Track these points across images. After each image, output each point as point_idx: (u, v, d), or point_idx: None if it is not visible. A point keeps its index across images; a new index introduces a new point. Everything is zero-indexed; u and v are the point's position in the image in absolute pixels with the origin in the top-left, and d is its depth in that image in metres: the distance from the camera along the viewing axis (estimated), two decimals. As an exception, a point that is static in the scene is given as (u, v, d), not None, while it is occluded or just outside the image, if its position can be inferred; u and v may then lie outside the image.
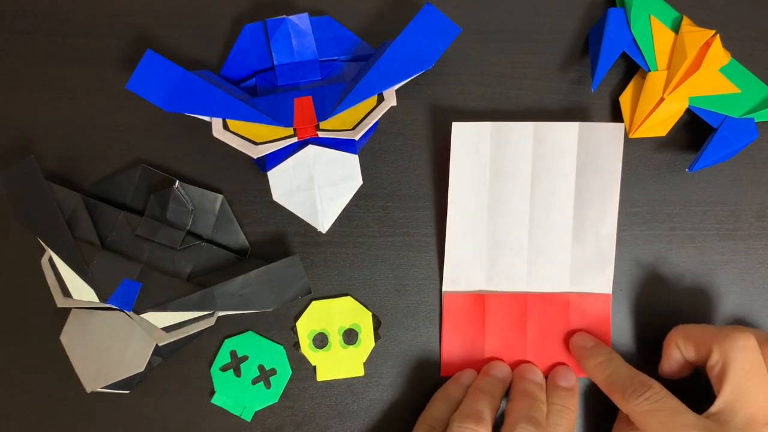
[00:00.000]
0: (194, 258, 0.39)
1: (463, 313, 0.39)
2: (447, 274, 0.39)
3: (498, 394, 0.37)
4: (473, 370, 0.39)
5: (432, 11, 0.37)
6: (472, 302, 0.39)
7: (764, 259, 0.40)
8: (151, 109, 0.38)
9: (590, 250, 0.39)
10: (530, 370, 0.38)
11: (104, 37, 0.40)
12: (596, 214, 0.38)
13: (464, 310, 0.39)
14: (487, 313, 0.39)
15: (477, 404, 0.35)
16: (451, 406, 0.37)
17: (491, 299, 0.39)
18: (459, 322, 0.39)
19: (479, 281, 0.39)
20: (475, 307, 0.39)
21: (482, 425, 0.34)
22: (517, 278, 0.39)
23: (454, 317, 0.39)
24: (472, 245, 0.39)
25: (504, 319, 0.39)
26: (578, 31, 0.41)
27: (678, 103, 0.38)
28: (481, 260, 0.39)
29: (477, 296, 0.39)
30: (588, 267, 0.39)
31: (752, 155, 0.40)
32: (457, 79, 0.40)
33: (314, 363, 0.39)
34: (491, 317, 0.39)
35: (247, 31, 0.39)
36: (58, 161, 0.40)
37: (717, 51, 0.38)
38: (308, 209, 0.37)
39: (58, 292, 0.38)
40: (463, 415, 0.35)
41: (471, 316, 0.39)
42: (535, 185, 0.38)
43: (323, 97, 0.37)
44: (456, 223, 0.39)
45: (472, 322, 0.39)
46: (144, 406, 0.39)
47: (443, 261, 0.39)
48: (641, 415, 0.34)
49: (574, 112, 0.40)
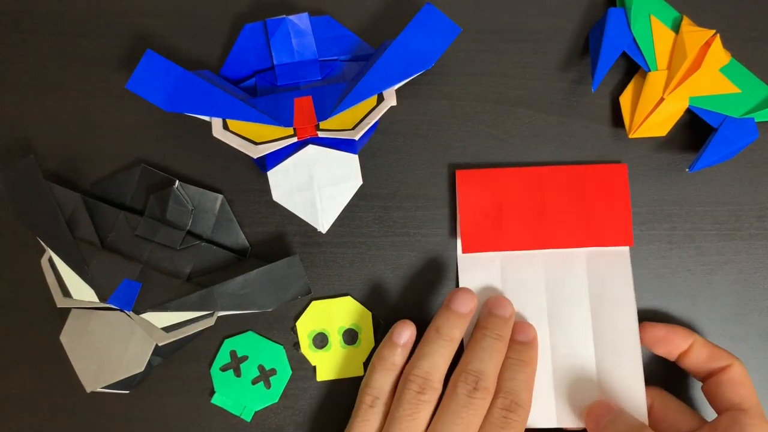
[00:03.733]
0: (194, 258, 0.39)
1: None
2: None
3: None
4: (405, 327, 0.37)
5: (432, 11, 0.37)
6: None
7: (764, 259, 0.40)
8: (151, 109, 0.38)
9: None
10: (499, 304, 0.37)
11: (104, 37, 0.40)
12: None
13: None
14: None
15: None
16: (388, 372, 0.36)
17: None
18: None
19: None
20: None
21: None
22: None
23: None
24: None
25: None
26: (578, 31, 0.41)
27: (678, 103, 0.38)
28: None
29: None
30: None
31: (752, 155, 0.40)
32: (457, 79, 0.40)
33: (314, 363, 0.39)
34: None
35: (247, 31, 0.39)
36: (58, 161, 0.40)
37: (717, 51, 0.38)
38: (308, 209, 0.37)
39: (58, 292, 0.38)
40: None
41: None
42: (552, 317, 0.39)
43: (323, 97, 0.37)
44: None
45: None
46: (144, 406, 0.39)
47: (443, 261, 0.39)
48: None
49: (574, 112, 0.40)
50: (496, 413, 0.34)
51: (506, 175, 0.39)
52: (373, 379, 0.36)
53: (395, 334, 0.36)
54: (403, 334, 0.36)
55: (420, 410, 0.34)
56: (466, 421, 0.34)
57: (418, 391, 0.35)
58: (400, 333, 0.36)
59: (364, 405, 0.36)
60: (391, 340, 0.36)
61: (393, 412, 0.35)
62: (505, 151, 0.40)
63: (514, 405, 0.35)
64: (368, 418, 0.35)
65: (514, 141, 0.40)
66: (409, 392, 0.35)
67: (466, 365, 0.35)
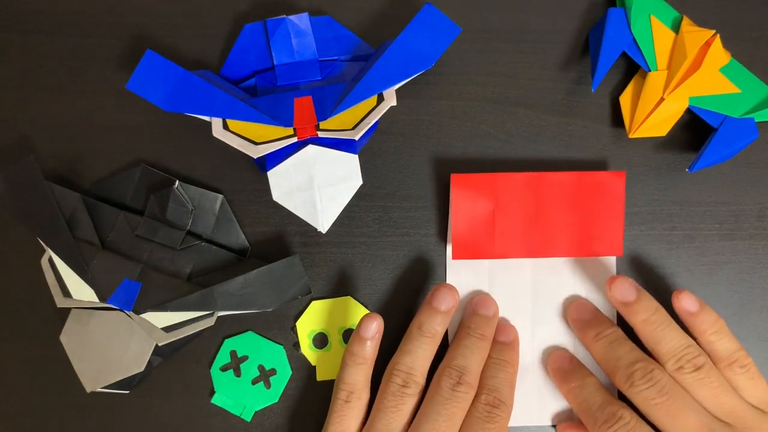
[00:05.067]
0: (194, 258, 0.39)
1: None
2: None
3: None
4: (371, 320, 0.37)
5: (432, 11, 0.37)
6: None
7: (764, 259, 0.40)
8: (151, 109, 0.38)
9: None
10: (483, 304, 0.38)
11: (104, 37, 0.40)
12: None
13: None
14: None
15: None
16: (360, 366, 0.36)
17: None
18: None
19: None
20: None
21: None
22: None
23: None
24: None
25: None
26: (578, 31, 0.41)
27: (678, 103, 0.38)
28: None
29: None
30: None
31: (752, 155, 0.40)
32: (457, 79, 0.40)
33: (314, 363, 0.39)
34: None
35: (247, 31, 0.39)
36: (58, 161, 0.40)
37: (717, 51, 0.38)
38: (308, 209, 0.37)
39: (58, 292, 0.38)
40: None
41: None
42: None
43: (323, 97, 0.37)
44: None
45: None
46: (144, 406, 0.39)
47: (443, 261, 0.39)
48: (641, 399, 0.34)
49: (574, 112, 0.40)
50: (480, 408, 0.35)
51: (502, 180, 0.38)
52: (346, 374, 0.36)
53: (362, 329, 0.36)
54: (371, 328, 0.37)
55: (404, 402, 0.35)
56: (450, 413, 0.34)
57: (402, 385, 0.35)
58: (367, 327, 0.36)
59: (340, 401, 0.36)
60: (359, 335, 0.37)
61: (377, 404, 0.36)
62: (505, 152, 0.40)
63: (498, 401, 0.35)
64: (345, 414, 0.36)
65: (514, 141, 0.40)
66: (393, 385, 0.35)
67: (450, 361, 0.36)
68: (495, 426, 0.35)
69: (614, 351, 0.36)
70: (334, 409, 0.36)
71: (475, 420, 0.35)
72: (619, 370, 0.35)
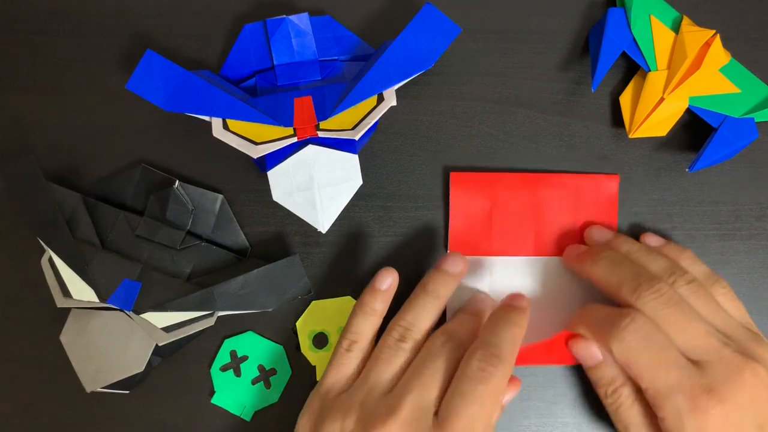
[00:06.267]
0: (194, 258, 0.39)
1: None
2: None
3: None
4: (387, 273, 0.36)
5: (432, 11, 0.37)
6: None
7: (764, 259, 0.40)
8: (151, 109, 0.38)
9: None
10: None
11: (104, 37, 0.40)
12: None
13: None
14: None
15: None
16: (368, 317, 0.36)
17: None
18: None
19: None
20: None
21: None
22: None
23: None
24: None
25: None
26: (578, 31, 0.41)
27: (678, 103, 0.38)
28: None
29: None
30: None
31: (752, 155, 0.40)
32: (457, 79, 0.40)
33: (314, 363, 0.39)
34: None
35: (247, 31, 0.39)
36: (58, 161, 0.40)
37: (717, 51, 0.38)
38: (308, 209, 0.37)
39: (58, 292, 0.38)
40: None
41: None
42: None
43: (323, 97, 0.37)
44: None
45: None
46: (144, 406, 0.39)
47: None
48: (650, 309, 0.34)
49: (574, 112, 0.40)
50: (473, 365, 0.32)
51: (500, 179, 0.39)
52: (353, 324, 0.36)
53: (377, 280, 0.36)
54: (386, 281, 0.36)
55: (398, 356, 0.35)
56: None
57: (398, 339, 0.35)
58: (382, 279, 0.36)
59: (341, 349, 0.36)
60: (373, 286, 0.36)
61: (373, 355, 0.35)
62: (504, 152, 0.40)
63: (494, 357, 0.32)
64: (344, 362, 0.35)
65: (514, 141, 0.40)
66: (390, 339, 0.35)
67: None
68: (487, 387, 0.32)
69: (616, 267, 0.35)
70: (334, 357, 0.36)
71: (466, 380, 0.32)
72: (624, 284, 0.35)
